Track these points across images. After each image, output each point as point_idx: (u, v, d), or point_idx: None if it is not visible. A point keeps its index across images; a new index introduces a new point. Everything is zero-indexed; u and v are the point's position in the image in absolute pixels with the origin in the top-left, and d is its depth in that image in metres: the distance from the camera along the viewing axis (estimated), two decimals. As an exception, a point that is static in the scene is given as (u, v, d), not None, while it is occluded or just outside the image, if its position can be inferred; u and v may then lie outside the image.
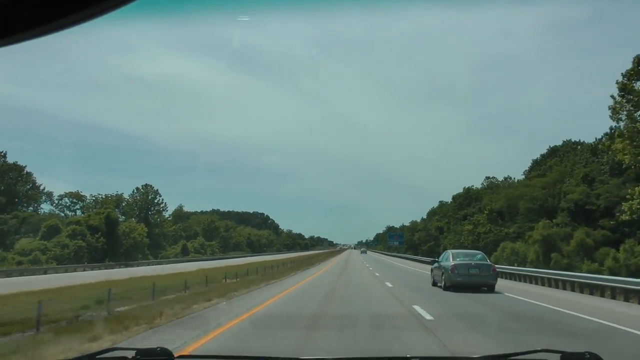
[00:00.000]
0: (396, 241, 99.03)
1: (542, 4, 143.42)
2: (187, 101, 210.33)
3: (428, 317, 11.70)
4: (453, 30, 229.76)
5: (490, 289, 19.20)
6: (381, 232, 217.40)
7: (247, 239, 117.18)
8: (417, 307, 13.44)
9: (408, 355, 2.32)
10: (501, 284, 21.62)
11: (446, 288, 19.42)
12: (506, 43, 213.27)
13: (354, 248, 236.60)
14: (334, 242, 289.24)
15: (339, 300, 16.54)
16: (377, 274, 33.03)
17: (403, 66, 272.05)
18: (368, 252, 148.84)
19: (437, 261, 22.12)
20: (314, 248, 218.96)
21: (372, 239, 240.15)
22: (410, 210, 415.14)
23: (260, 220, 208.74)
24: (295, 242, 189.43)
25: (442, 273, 20.17)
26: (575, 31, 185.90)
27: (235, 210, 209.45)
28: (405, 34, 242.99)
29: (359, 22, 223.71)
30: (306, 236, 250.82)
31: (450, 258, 20.19)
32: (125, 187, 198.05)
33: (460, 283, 19.01)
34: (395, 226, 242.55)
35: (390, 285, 23.15)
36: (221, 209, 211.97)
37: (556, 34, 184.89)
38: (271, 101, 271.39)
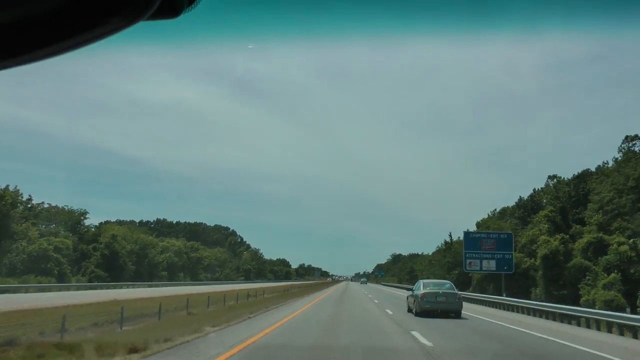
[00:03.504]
0: (489, 259, 38.71)
1: (543, 42, 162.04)
2: (187, 127, 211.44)
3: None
4: (454, 64, 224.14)
5: (457, 314, 20.91)
6: (383, 262, 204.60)
7: (109, 244, 53.34)
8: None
9: None
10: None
11: (417, 314, 21.06)
12: (508, 79, 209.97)
13: (352, 280, 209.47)
14: (330, 273, 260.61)
15: None
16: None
17: (404, 98, 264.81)
18: (379, 285, 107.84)
19: (412, 290, 24.26)
20: (303, 278, 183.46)
21: (370, 271, 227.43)
22: (410, 244, 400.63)
23: (222, 237, 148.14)
24: (264, 267, 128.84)
25: (414, 300, 21.92)
26: (576, 69, 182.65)
27: (187, 220, 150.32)
28: (407, 66, 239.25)
29: (361, 53, 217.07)
30: (294, 264, 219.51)
31: (421, 287, 22.10)
32: (120, 210, 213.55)
33: (428, 310, 20.63)
34: (403, 254, 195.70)
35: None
36: (168, 219, 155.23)
37: (557, 71, 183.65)
38: (272, 129, 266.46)
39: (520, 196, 72.91)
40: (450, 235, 78.21)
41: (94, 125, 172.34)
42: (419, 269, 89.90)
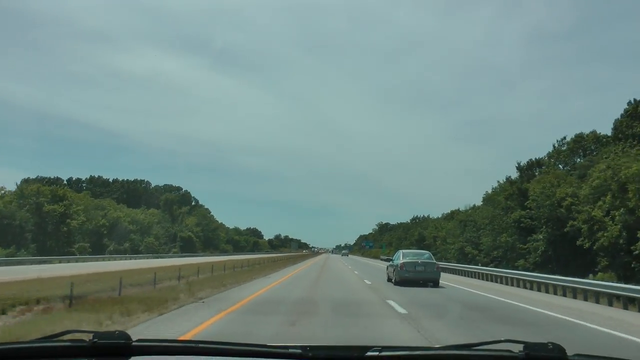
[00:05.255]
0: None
1: (526, 15, 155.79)
2: (168, 99, 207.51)
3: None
4: (438, 36, 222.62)
5: (435, 283, 21.32)
6: (367, 233, 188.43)
7: None
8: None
9: (369, 345, 2.08)
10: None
11: (396, 283, 21.52)
12: (490, 51, 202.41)
13: (333, 252, 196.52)
14: (310, 245, 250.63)
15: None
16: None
17: (387, 71, 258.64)
18: (371, 261, 78.94)
19: (391, 259, 25.28)
20: (278, 250, 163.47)
21: (352, 243, 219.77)
22: (393, 215, 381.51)
23: (173, 197, 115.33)
24: (216, 235, 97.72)
25: (394, 270, 22.53)
26: (558, 42, 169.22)
27: (126, 177, 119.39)
28: (390, 38, 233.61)
29: (345, 25, 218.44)
30: (268, 235, 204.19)
31: (400, 257, 22.53)
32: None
33: (407, 279, 21.02)
34: (391, 222, 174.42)
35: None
36: (104, 176, 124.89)
37: (539, 44, 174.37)
38: (253, 101, 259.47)
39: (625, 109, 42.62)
40: (518, 167, 48.21)
41: (71, 96, 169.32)
42: (434, 236, 59.51)
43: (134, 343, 1.95)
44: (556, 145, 50.42)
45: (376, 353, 1.94)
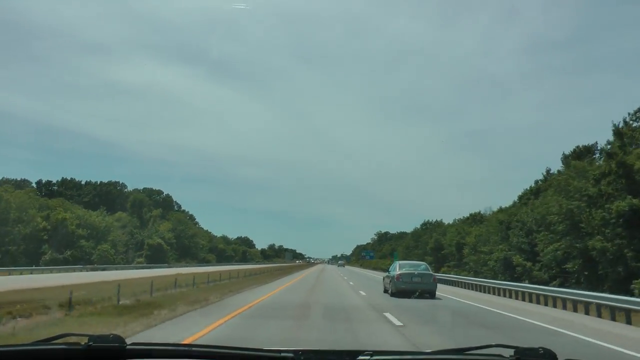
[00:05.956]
0: None
1: (522, 24, 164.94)
2: (162, 108, 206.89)
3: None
4: (432, 46, 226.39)
5: (432, 295, 21.11)
6: (364, 243, 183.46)
7: None
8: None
9: (360, 350, 2.11)
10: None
11: (392, 294, 21.48)
12: (486, 61, 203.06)
13: (329, 263, 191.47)
14: (305, 256, 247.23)
15: None
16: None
17: (382, 81, 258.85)
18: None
19: (388, 271, 24.71)
20: (271, 261, 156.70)
21: (349, 253, 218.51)
22: (389, 225, 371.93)
23: (142, 198, 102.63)
24: (195, 244, 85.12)
25: (390, 281, 22.38)
26: (556, 51, 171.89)
27: (92, 180, 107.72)
28: (384, 48, 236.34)
29: (340, 35, 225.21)
30: (262, 245, 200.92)
31: (397, 268, 22.47)
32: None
33: (403, 290, 20.97)
34: (391, 232, 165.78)
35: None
36: (76, 178, 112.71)
37: (537, 53, 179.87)
38: (247, 112, 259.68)
39: None
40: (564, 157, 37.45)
41: (66, 107, 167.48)
42: (458, 242, 47.08)
43: (128, 346, 1.96)
44: (627, 119, 38.17)
45: (367, 357, 1.94)
